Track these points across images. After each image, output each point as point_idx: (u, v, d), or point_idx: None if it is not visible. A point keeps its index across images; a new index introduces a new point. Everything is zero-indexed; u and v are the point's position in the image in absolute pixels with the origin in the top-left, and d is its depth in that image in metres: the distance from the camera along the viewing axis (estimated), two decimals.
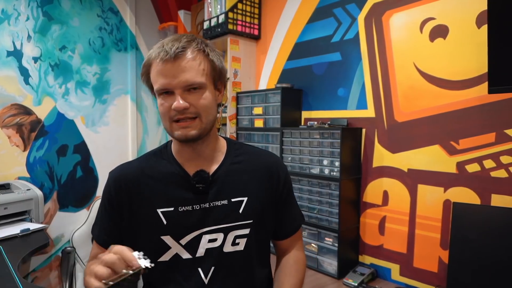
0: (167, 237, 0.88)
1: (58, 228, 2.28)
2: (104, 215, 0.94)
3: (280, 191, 1.00)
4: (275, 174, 0.99)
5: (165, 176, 0.92)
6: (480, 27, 1.36)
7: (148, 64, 0.86)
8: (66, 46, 2.27)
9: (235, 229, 0.91)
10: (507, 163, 1.31)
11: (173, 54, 0.81)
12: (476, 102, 1.38)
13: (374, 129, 1.71)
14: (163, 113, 0.86)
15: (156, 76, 0.83)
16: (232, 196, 0.92)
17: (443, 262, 1.47)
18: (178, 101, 0.82)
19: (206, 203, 0.90)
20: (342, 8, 1.83)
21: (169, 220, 0.88)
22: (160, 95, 0.85)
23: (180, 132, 0.85)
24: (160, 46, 0.84)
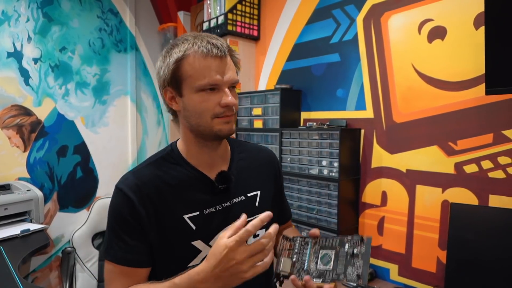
0: (198, 241, 0.86)
1: (58, 229, 2.28)
2: (125, 232, 0.84)
3: (279, 182, 1.07)
4: (276, 166, 1.07)
5: (182, 180, 0.88)
6: (478, 28, 1.37)
7: (183, 57, 0.81)
8: (66, 47, 2.27)
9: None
10: (504, 164, 1.32)
11: (225, 51, 0.82)
12: (474, 103, 1.39)
13: (372, 130, 1.72)
14: (206, 108, 0.82)
15: (205, 70, 0.80)
16: (247, 191, 0.95)
17: (441, 262, 1.48)
18: (231, 98, 0.82)
19: (227, 202, 0.91)
20: (341, 9, 1.84)
21: (197, 224, 0.86)
22: (203, 91, 0.81)
23: (225, 127, 0.84)
24: (203, 41, 0.82)
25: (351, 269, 0.75)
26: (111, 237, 0.85)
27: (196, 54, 0.80)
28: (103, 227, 2.35)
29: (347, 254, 0.77)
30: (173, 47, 0.84)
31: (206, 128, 0.84)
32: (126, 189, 0.85)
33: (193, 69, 0.81)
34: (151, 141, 2.73)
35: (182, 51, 0.81)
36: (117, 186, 0.87)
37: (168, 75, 0.83)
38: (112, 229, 0.85)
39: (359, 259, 0.75)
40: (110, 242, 0.85)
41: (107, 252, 0.85)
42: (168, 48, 0.86)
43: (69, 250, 2.23)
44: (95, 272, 2.28)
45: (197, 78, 0.81)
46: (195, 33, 0.86)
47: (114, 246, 0.84)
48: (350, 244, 0.78)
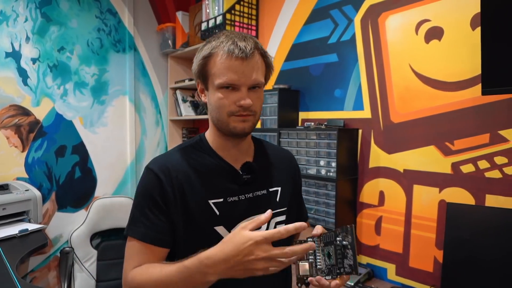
0: (220, 227, 0.89)
1: (57, 229, 2.29)
2: (151, 210, 0.88)
3: (298, 182, 1.12)
4: (296, 168, 1.12)
5: (210, 168, 0.93)
6: (474, 29, 1.37)
7: (210, 55, 0.87)
8: (65, 47, 2.27)
9: (275, 216, 0.99)
10: (501, 163, 1.33)
11: (248, 53, 0.85)
12: (471, 103, 1.39)
13: (370, 130, 1.72)
14: (222, 106, 0.87)
15: (225, 70, 0.85)
16: (269, 186, 0.99)
17: (438, 262, 1.48)
18: (246, 99, 0.86)
19: (250, 193, 0.95)
20: (339, 10, 1.84)
21: (221, 211, 0.90)
22: (221, 89, 0.87)
23: (240, 125, 0.88)
24: (229, 41, 0.86)
25: (346, 261, 0.77)
26: (136, 214, 0.89)
27: (220, 53, 0.86)
28: (102, 227, 2.35)
29: (342, 247, 0.78)
30: (206, 43, 0.91)
31: (223, 124, 0.89)
32: (156, 169, 0.89)
33: (216, 67, 0.86)
34: (150, 141, 2.74)
35: (211, 48, 0.87)
36: (147, 167, 0.92)
37: (197, 69, 0.91)
38: (138, 206, 0.89)
39: (349, 249, 0.77)
40: (135, 219, 0.89)
41: (130, 228, 0.88)
42: (204, 44, 0.92)
43: (68, 250, 2.23)
44: (93, 272, 2.28)
45: (218, 76, 0.86)
46: (229, 32, 0.90)
47: (138, 223, 0.87)
48: (341, 236, 0.79)
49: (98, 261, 2.31)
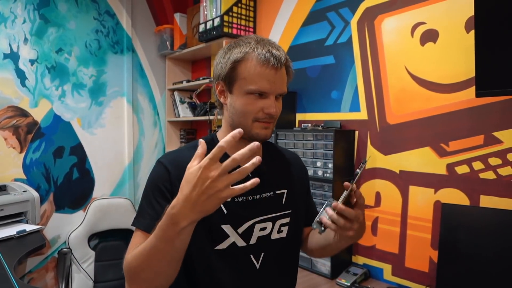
0: (227, 226, 0.91)
1: (54, 229, 2.29)
2: (157, 201, 0.88)
3: (306, 184, 1.15)
4: (303, 169, 1.14)
5: None
6: (469, 31, 1.39)
7: (242, 59, 0.88)
8: (63, 48, 2.28)
9: (280, 218, 1.00)
10: (495, 164, 1.34)
11: (283, 63, 0.88)
12: (465, 105, 1.41)
13: (366, 131, 1.74)
14: (249, 111, 0.89)
15: (258, 77, 0.86)
16: (275, 189, 1.01)
17: (433, 262, 1.50)
18: (275, 107, 0.89)
19: (258, 195, 0.96)
20: (335, 12, 1.86)
21: (228, 209, 0.92)
22: (250, 94, 0.88)
23: (263, 131, 0.91)
24: (264, 48, 0.87)
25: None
26: (144, 206, 0.90)
27: (254, 59, 0.87)
28: (100, 228, 2.36)
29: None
30: (235, 46, 0.91)
31: (245, 128, 0.89)
32: (166, 163, 0.91)
33: (248, 72, 0.87)
34: (148, 142, 2.74)
35: (243, 52, 0.88)
36: (158, 160, 0.94)
37: (224, 71, 0.90)
38: (146, 198, 0.91)
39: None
40: (142, 210, 0.90)
41: (137, 218, 0.90)
42: (230, 46, 0.92)
43: (65, 251, 2.24)
44: (91, 272, 2.29)
45: (249, 82, 0.87)
46: (259, 37, 0.91)
47: (145, 214, 0.88)
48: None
49: (96, 262, 2.32)
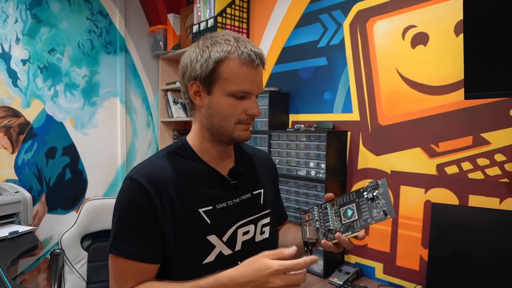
0: (212, 236, 0.87)
1: (47, 230, 2.28)
2: (138, 225, 0.81)
3: (277, 182, 1.13)
4: (274, 168, 1.13)
5: (196, 175, 0.88)
6: (458, 35, 1.42)
7: (225, 59, 0.82)
8: (55, 48, 2.27)
9: (261, 219, 0.98)
10: (483, 165, 1.38)
11: (265, 62, 0.85)
12: (455, 107, 1.44)
13: (358, 132, 1.76)
14: (232, 113, 0.85)
15: (241, 78, 0.82)
16: (253, 189, 0.98)
17: (424, 261, 1.53)
18: (258, 108, 0.87)
19: (237, 198, 0.93)
20: (328, 14, 1.88)
21: (212, 219, 0.87)
22: (232, 96, 0.84)
23: (244, 133, 0.88)
24: (245, 47, 0.83)
25: (376, 210, 0.82)
26: (121, 231, 0.81)
27: (238, 60, 0.82)
28: (92, 228, 2.35)
29: (367, 200, 0.83)
30: (213, 43, 0.84)
31: (226, 131, 0.86)
32: (141, 180, 0.82)
33: (231, 73, 0.82)
34: (141, 142, 2.74)
35: (225, 52, 0.82)
36: (131, 177, 0.84)
37: (203, 72, 0.83)
38: (123, 222, 0.81)
39: (380, 199, 0.82)
40: (120, 236, 0.81)
41: (116, 246, 0.81)
42: (207, 43, 0.85)
43: (58, 252, 2.22)
44: (84, 273, 2.27)
45: (232, 83, 0.82)
46: (235, 35, 0.86)
47: (125, 241, 0.80)
48: (368, 191, 0.84)
49: (89, 263, 2.31)
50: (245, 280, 0.71)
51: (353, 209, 0.84)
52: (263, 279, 0.70)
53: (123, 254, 0.80)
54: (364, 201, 0.84)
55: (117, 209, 0.84)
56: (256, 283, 0.70)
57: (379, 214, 0.81)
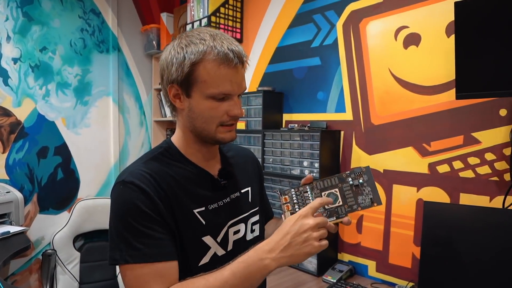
0: (207, 237, 0.85)
1: (39, 231, 2.26)
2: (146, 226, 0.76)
3: (262, 179, 1.12)
4: (258, 165, 1.12)
5: (186, 176, 0.86)
6: (449, 36, 1.44)
7: (201, 60, 0.78)
8: (47, 47, 2.25)
9: (251, 217, 0.98)
10: (474, 164, 1.40)
11: (244, 60, 0.81)
12: (446, 106, 1.46)
13: (352, 131, 1.78)
14: (214, 116, 0.81)
15: (220, 79, 0.78)
16: (241, 188, 0.98)
17: (416, 258, 1.55)
18: (241, 109, 0.83)
19: (227, 198, 0.92)
20: (322, 15, 1.90)
21: (206, 219, 0.85)
22: (212, 98, 0.80)
23: (228, 135, 0.85)
24: (222, 46, 0.78)
25: (362, 197, 0.82)
26: (127, 238, 0.75)
27: (214, 60, 0.78)
28: (85, 228, 2.33)
29: (352, 186, 0.83)
30: (188, 44, 0.79)
31: (209, 134, 0.84)
32: (137, 182, 0.78)
33: (208, 75, 0.78)
34: (134, 142, 2.73)
35: (201, 53, 0.78)
36: (123, 181, 0.79)
37: (179, 75, 0.79)
38: (128, 228, 0.75)
39: (365, 187, 0.82)
40: (132, 243, 0.74)
41: (130, 254, 0.74)
42: (182, 44, 0.80)
43: (50, 252, 2.20)
44: (76, 274, 2.26)
45: (210, 85, 0.79)
46: (212, 31, 0.81)
47: (138, 245, 0.74)
48: (352, 177, 0.83)
49: (82, 263, 2.30)
50: (282, 236, 0.73)
51: (336, 195, 0.83)
52: (299, 225, 0.73)
53: (140, 260, 0.74)
54: (348, 187, 0.83)
55: (117, 216, 0.78)
56: (295, 233, 0.73)
57: (365, 202, 0.82)
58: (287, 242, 0.72)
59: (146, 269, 0.74)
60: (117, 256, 0.75)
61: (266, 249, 0.73)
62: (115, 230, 0.77)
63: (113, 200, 0.80)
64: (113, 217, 0.78)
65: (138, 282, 0.74)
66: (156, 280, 0.74)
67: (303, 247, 0.72)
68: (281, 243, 0.73)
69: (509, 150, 1.31)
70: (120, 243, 0.76)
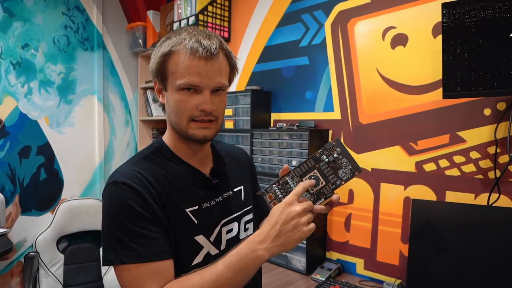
0: (200, 236, 0.85)
1: (21, 233, 2.19)
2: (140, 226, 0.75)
3: (255, 177, 1.12)
4: (251, 162, 1.12)
5: (179, 176, 0.86)
6: (435, 37, 1.47)
7: (170, 52, 0.80)
8: (29, 44, 2.19)
9: (244, 216, 0.98)
10: (459, 162, 1.43)
11: (213, 53, 0.79)
12: (432, 106, 1.49)
13: (340, 130, 1.79)
14: (182, 109, 0.81)
15: (186, 70, 0.78)
16: (233, 187, 0.97)
17: (403, 256, 1.57)
18: (209, 103, 0.80)
19: (219, 197, 0.92)
20: (310, 14, 1.90)
21: (198, 219, 0.85)
22: (182, 90, 0.80)
23: (200, 132, 0.83)
24: (192, 39, 0.79)
25: (342, 170, 0.81)
26: (121, 238, 0.74)
27: (182, 52, 0.79)
28: (69, 230, 2.28)
29: (329, 162, 0.82)
30: (165, 39, 0.83)
31: (182, 129, 0.83)
32: (129, 182, 0.78)
33: (176, 66, 0.79)
34: (119, 141, 2.68)
35: (170, 46, 0.80)
36: (115, 181, 0.79)
37: (154, 68, 0.83)
38: (121, 229, 0.75)
39: (342, 159, 0.81)
40: (123, 243, 0.74)
41: (126, 255, 0.74)
42: (163, 39, 0.85)
43: (33, 254, 2.15)
44: (60, 276, 2.21)
45: (178, 76, 0.79)
46: (192, 28, 0.84)
47: (131, 246, 0.74)
48: (326, 154, 0.82)
49: (66, 265, 2.24)
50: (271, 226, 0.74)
51: (317, 176, 0.82)
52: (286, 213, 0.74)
53: (136, 260, 0.74)
54: (325, 165, 0.82)
55: (111, 218, 0.77)
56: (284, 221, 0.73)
57: (346, 174, 0.81)
58: (277, 232, 0.73)
59: (142, 268, 0.74)
60: (112, 257, 0.75)
61: (258, 240, 0.73)
62: (109, 231, 0.76)
63: (105, 201, 0.80)
64: (106, 218, 0.78)
65: (135, 282, 0.74)
66: (152, 279, 0.74)
67: (293, 234, 0.73)
68: (271, 233, 0.73)
69: (493, 148, 1.34)
70: (115, 243, 0.75)
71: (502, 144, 1.32)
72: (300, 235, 0.73)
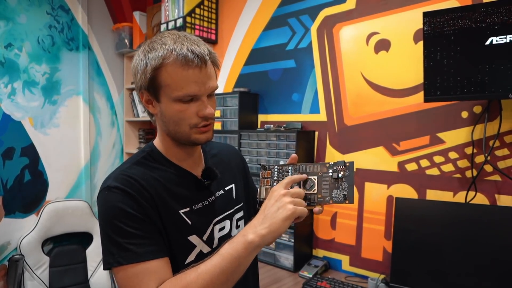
0: (193, 236, 0.87)
1: (4, 236, 2.16)
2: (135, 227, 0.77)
3: (247, 174, 1.13)
4: (242, 160, 1.14)
5: (171, 179, 0.88)
6: (416, 43, 1.54)
7: (162, 65, 0.78)
8: (12, 43, 2.16)
9: (236, 213, 1.00)
10: (439, 162, 1.51)
11: (206, 60, 0.80)
12: (414, 108, 1.56)
13: (326, 132, 1.85)
14: (182, 118, 0.82)
15: (183, 82, 0.78)
16: (225, 186, 0.99)
17: (387, 252, 1.64)
18: (209, 108, 0.82)
19: (212, 197, 0.94)
20: (296, 19, 1.95)
21: (191, 219, 0.87)
22: (180, 101, 0.80)
23: (202, 136, 0.85)
24: (182, 48, 0.78)
25: (336, 191, 0.81)
26: (117, 241, 0.77)
27: (174, 63, 0.78)
28: (54, 232, 2.26)
29: (331, 178, 0.82)
30: (150, 50, 0.80)
31: (184, 136, 0.84)
32: (122, 186, 0.80)
33: (171, 79, 0.78)
34: (105, 142, 2.66)
35: (160, 58, 0.78)
36: (108, 186, 0.81)
37: (144, 81, 0.81)
38: (117, 232, 0.77)
39: (344, 182, 0.81)
40: (119, 246, 0.76)
41: (123, 256, 0.76)
42: (146, 50, 0.82)
43: (17, 257, 2.12)
44: (45, 279, 2.19)
45: (174, 88, 0.79)
46: (175, 34, 0.82)
47: (127, 247, 0.76)
48: (334, 169, 0.83)
49: (51, 268, 2.22)
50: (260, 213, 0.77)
51: (314, 182, 0.83)
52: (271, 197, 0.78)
53: (132, 260, 0.76)
54: (327, 178, 0.83)
55: (106, 222, 0.79)
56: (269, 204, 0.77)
57: (338, 196, 0.81)
58: (263, 215, 0.76)
59: (139, 268, 0.76)
60: (110, 259, 0.77)
61: (247, 227, 0.77)
62: (105, 235, 0.79)
63: (99, 207, 0.82)
64: (102, 223, 0.80)
65: (133, 282, 0.76)
66: (150, 277, 0.76)
67: (278, 213, 0.74)
68: (259, 218, 0.76)
69: (470, 149, 1.42)
70: (112, 247, 0.77)
71: (478, 145, 1.41)
72: (285, 213, 0.74)
